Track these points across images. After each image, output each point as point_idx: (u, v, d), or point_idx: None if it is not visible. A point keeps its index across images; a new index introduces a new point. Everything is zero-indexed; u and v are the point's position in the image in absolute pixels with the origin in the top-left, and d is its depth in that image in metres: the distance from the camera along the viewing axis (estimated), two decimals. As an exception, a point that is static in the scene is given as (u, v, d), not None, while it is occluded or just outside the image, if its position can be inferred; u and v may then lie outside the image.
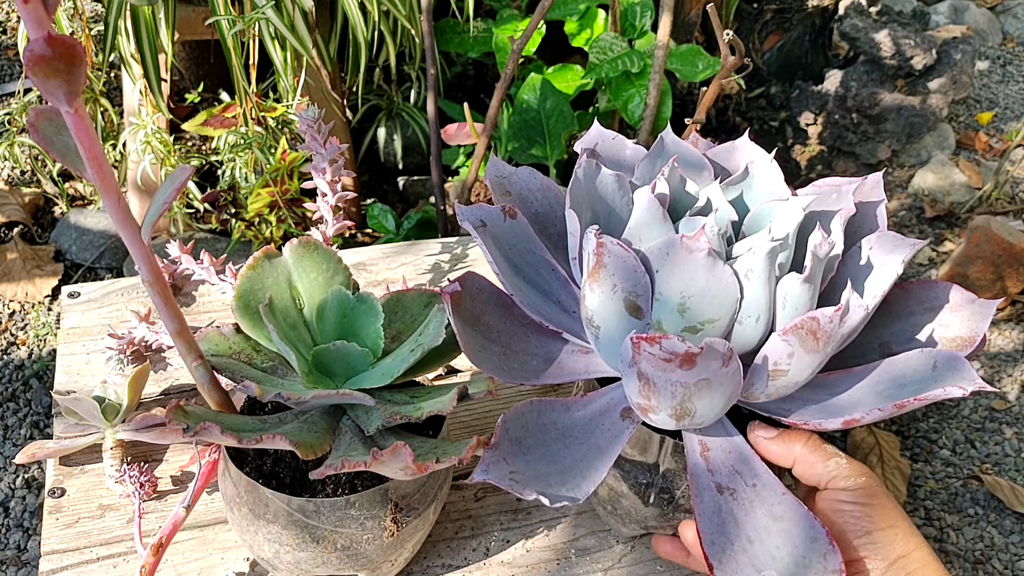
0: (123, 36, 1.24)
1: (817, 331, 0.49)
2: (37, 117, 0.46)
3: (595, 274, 0.52)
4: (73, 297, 0.87)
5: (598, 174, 0.58)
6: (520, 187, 0.63)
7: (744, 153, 0.63)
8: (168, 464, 0.73)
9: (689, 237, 0.50)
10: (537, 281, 0.60)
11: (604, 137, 0.64)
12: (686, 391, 0.50)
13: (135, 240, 0.50)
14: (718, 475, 0.55)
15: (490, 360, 0.55)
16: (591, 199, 0.58)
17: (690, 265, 0.50)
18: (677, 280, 0.51)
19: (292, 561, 0.59)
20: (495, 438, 0.53)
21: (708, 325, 0.52)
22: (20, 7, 0.39)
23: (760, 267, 0.51)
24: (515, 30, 1.58)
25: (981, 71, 2.19)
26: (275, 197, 1.18)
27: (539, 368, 0.58)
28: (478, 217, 0.58)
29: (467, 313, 0.56)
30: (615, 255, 0.51)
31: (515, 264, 0.59)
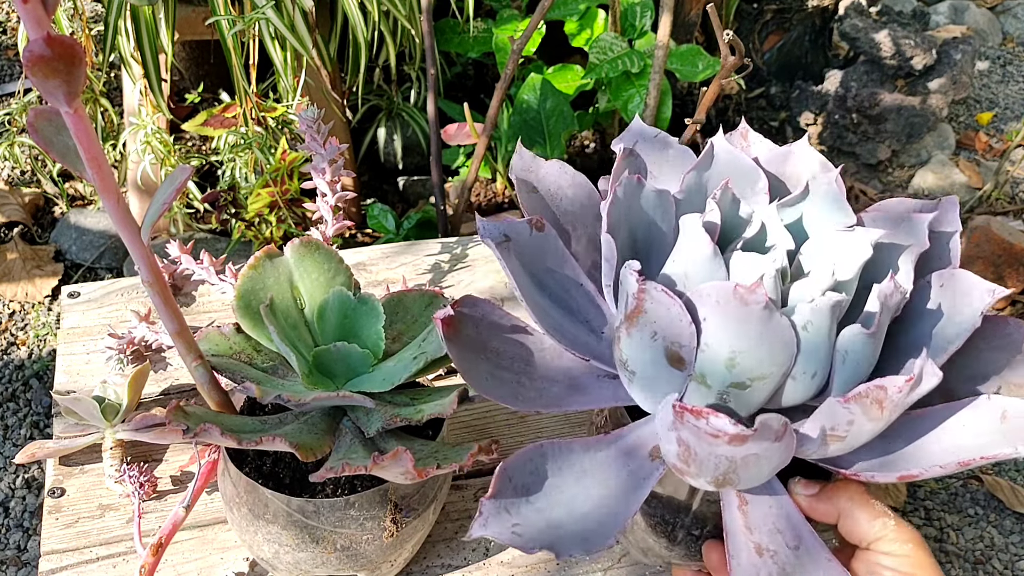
0: (123, 36, 1.24)
1: (883, 400, 0.43)
2: (36, 117, 0.46)
3: (634, 319, 0.46)
4: (73, 297, 0.87)
5: (640, 192, 0.51)
6: (548, 183, 0.57)
7: (800, 160, 0.55)
8: (168, 464, 0.73)
9: (745, 289, 0.43)
10: (563, 298, 0.54)
11: (645, 135, 0.56)
12: (731, 464, 0.45)
13: (135, 240, 0.50)
14: (757, 533, 0.49)
15: (501, 388, 0.50)
16: (630, 219, 0.52)
17: (743, 318, 0.44)
18: (727, 333, 0.45)
19: (292, 561, 0.59)
20: (494, 487, 0.47)
21: (758, 382, 0.46)
22: (19, 7, 0.39)
23: (820, 320, 0.45)
24: (515, 30, 1.58)
25: (981, 71, 2.18)
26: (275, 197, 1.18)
27: (561, 395, 0.52)
28: (501, 232, 0.52)
29: (469, 340, 0.51)
30: (658, 302, 0.45)
31: (540, 281, 0.53)
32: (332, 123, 0.79)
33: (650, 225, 0.53)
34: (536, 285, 0.53)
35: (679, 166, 0.56)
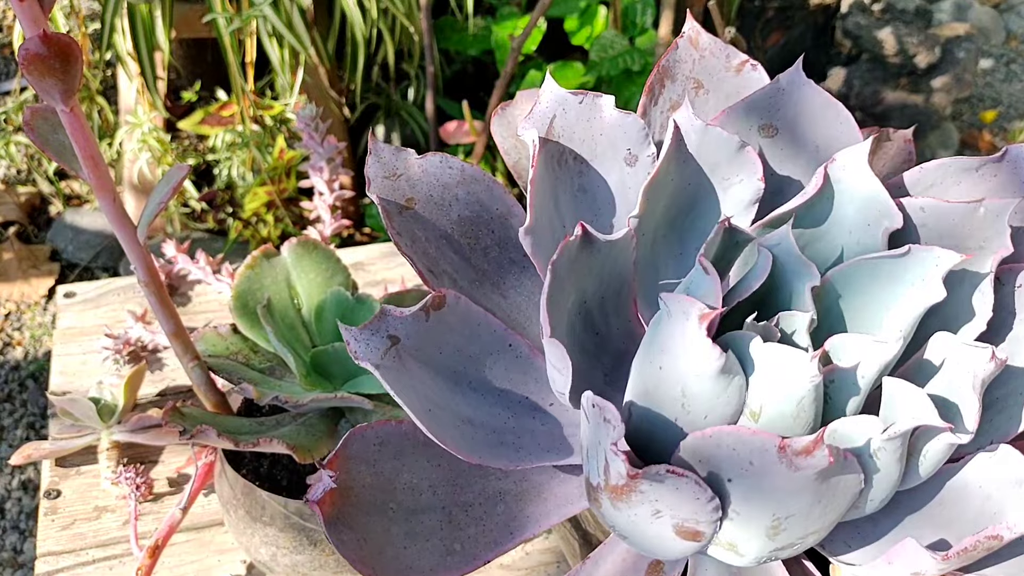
0: (120, 34, 1.24)
1: (994, 548, 0.31)
2: (33, 116, 0.46)
3: (624, 496, 0.32)
4: (69, 297, 0.86)
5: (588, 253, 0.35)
6: (428, 186, 0.40)
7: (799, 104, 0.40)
8: (164, 466, 0.72)
9: (799, 450, 0.29)
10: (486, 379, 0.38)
11: (566, 104, 0.39)
12: None
13: (131, 240, 0.49)
14: None
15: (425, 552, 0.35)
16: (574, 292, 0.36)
17: (794, 486, 0.30)
18: (770, 504, 0.32)
19: (289, 564, 0.58)
20: None
21: (811, 536, 0.34)
22: (15, 5, 0.39)
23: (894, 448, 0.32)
24: (515, 28, 1.58)
25: (985, 69, 2.18)
26: (272, 196, 1.17)
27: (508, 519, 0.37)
28: (382, 339, 0.35)
29: (367, 500, 0.35)
30: (666, 485, 0.31)
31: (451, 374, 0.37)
32: (330, 121, 0.79)
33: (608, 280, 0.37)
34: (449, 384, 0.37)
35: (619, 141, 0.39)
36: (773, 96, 0.39)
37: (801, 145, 0.39)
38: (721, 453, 0.30)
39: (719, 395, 0.32)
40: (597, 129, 0.39)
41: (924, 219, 0.35)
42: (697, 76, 0.40)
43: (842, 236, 0.36)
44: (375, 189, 0.39)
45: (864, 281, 0.35)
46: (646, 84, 0.42)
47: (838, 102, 0.40)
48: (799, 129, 0.40)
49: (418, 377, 0.36)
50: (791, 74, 0.40)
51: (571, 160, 0.39)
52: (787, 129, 0.39)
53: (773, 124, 0.39)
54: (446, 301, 0.37)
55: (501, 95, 1.24)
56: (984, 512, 0.33)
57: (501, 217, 0.41)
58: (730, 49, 0.41)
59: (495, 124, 0.43)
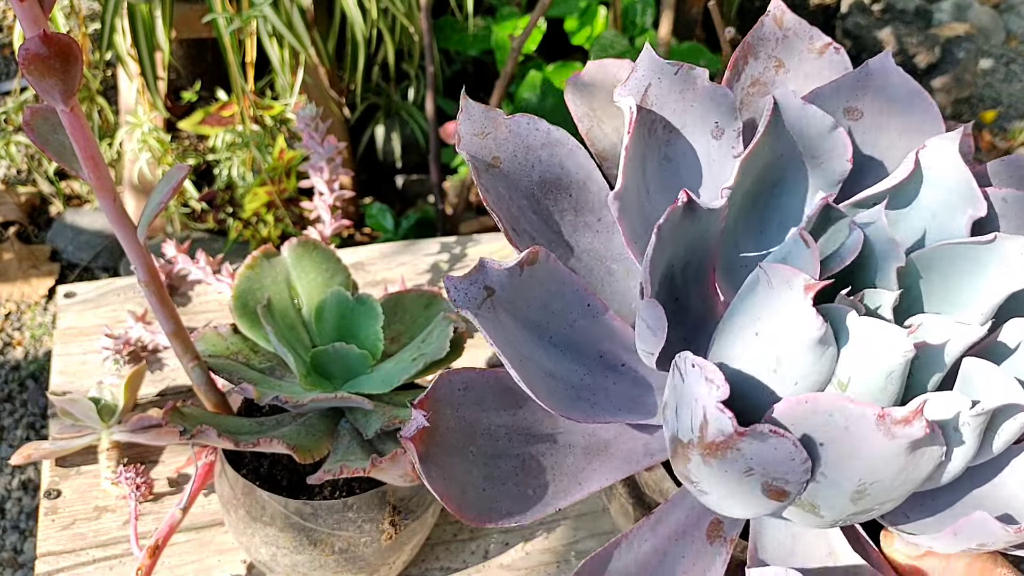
0: (120, 34, 1.24)
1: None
2: (33, 116, 0.46)
3: (719, 452, 0.33)
4: (69, 297, 0.86)
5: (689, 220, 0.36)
6: (514, 146, 0.41)
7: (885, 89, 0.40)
8: (164, 466, 0.72)
9: (895, 417, 0.30)
10: (567, 336, 0.40)
11: (663, 73, 0.39)
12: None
13: (131, 240, 0.49)
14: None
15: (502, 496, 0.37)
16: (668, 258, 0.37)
17: (884, 451, 0.32)
18: (857, 467, 0.33)
19: (289, 564, 0.58)
20: None
21: (888, 503, 0.35)
22: (16, 5, 0.39)
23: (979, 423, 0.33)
24: (515, 28, 1.58)
25: (984, 69, 2.18)
26: (272, 196, 1.17)
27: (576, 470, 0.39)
28: (480, 289, 0.36)
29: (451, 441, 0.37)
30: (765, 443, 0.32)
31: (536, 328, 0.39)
32: (330, 121, 0.79)
33: (692, 246, 0.38)
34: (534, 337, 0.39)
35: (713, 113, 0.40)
36: (861, 79, 0.40)
37: (884, 130, 0.40)
38: (817, 419, 0.31)
39: (813, 364, 0.33)
40: (689, 100, 0.40)
41: (1006, 209, 0.36)
42: (779, 55, 0.40)
43: (926, 220, 0.37)
44: (464, 146, 0.40)
45: (947, 264, 0.35)
46: (730, 60, 0.42)
47: (924, 91, 0.41)
48: (884, 114, 0.40)
49: (509, 328, 0.37)
50: (881, 59, 0.41)
51: (661, 129, 0.40)
52: (872, 113, 0.40)
53: (859, 107, 0.40)
54: (539, 257, 0.38)
55: (501, 95, 1.24)
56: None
57: (580, 182, 0.42)
58: (814, 31, 0.42)
59: (569, 91, 0.44)
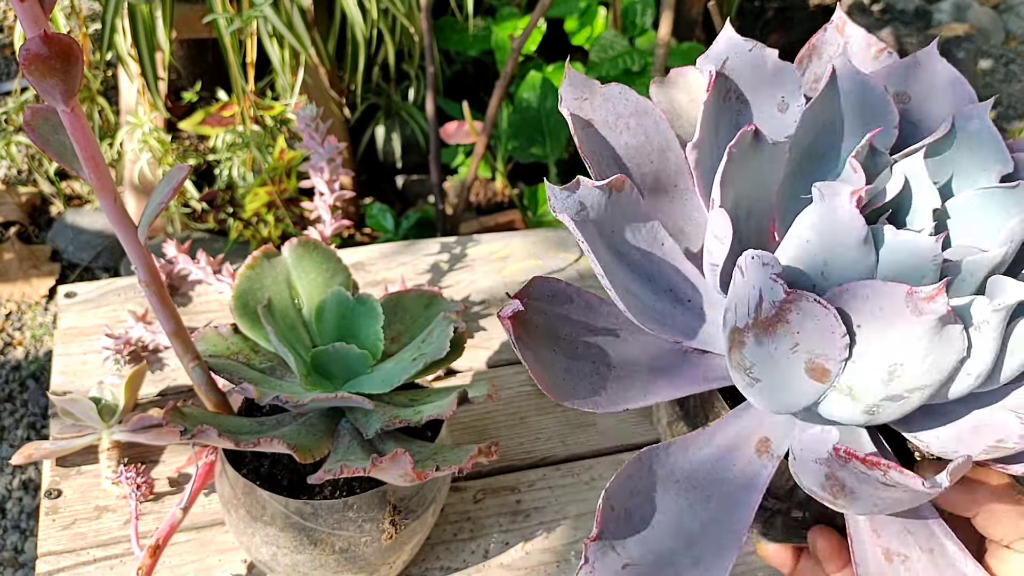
0: (120, 35, 1.24)
1: None
2: (33, 116, 0.46)
3: (771, 328, 0.39)
4: (70, 297, 0.86)
5: (757, 149, 0.42)
6: (605, 112, 0.48)
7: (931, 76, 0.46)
8: (165, 465, 0.72)
9: (922, 295, 0.35)
10: (644, 266, 0.46)
11: (738, 49, 0.46)
12: (895, 503, 0.40)
13: (131, 240, 0.49)
14: (885, 536, 0.43)
15: (580, 387, 0.43)
16: (737, 183, 0.43)
17: (912, 329, 0.37)
18: (888, 344, 0.38)
19: (290, 564, 0.59)
20: (599, 525, 0.41)
21: (916, 392, 0.40)
22: (16, 6, 0.39)
23: (998, 321, 0.38)
24: (515, 28, 1.58)
25: (984, 70, 2.18)
26: (273, 196, 1.17)
27: (645, 384, 0.45)
28: (576, 201, 0.43)
29: (540, 334, 0.43)
30: (809, 315, 0.37)
31: (619, 252, 0.45)
32: (330, 121, 0.79)
33: (756, 182, 0.43)
34: (616, 258, 0.45)
35: (779, 87, 0.47)
36: (910, 67, 0.46)
37: (928, 112, 0.46)
38: (855, 302, 0.37)
39: (856, 263, 0.39)
40: (760, 75, 0.46)
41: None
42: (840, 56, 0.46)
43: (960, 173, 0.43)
44: (567, 106, 0.47)
45: (977, 208, 0.41)
46: (797, 57, 0.47)
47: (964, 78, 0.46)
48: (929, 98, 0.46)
49: (596, 243, 0.43)
50: (927, 51, 0.46)
51: (734, 98, 0.45)
52: (919, 98, 0.46)
53: (908, 92, 0.46)
54: (624, 186, 0.45)
55: (501, 95, 1.24)
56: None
57: (660, 149, 0.48)
58: (871, 37, 0.48)
59: (655, 90, 0.50)
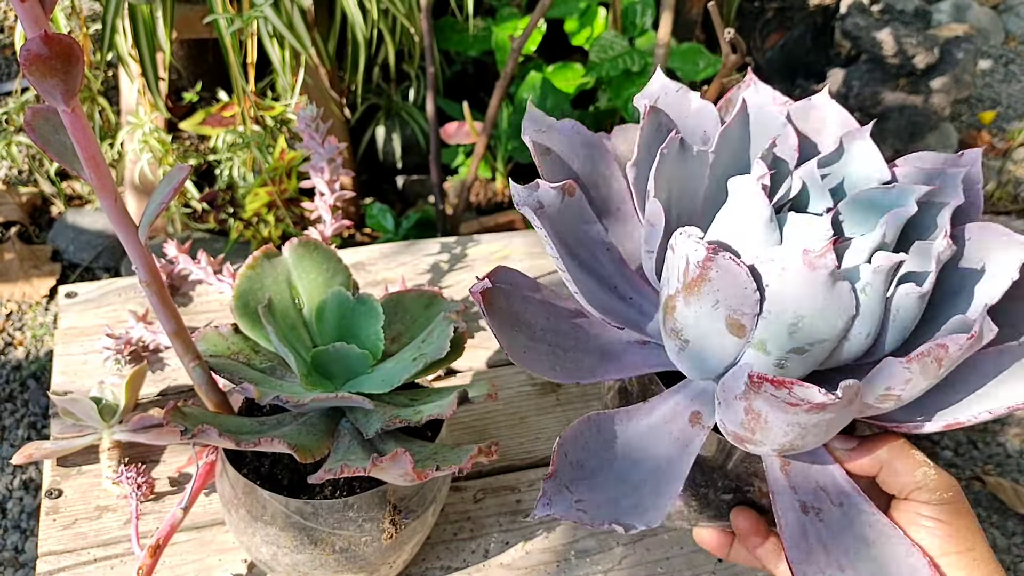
0: (121, 35, 1.24)
1: (943, 359, 0.44)
2: (34, 116, 0.46)
3: (695, 288, 0.46)
4: (70, 297, 0.86)
5: (684, 153, 0.50)
6: (561, 143, 0.56)
7: (824, 114, 0.56)
8: (165, 465, 0.72)
9: (814, 254, 0.44)
10: (592, 265, 0.54)
11: (668, 90, 0.56)
12: (802, 431, 0.46)
13: (132, 240, 0.49)
14: (802, 493, 0.50)
15: (539, 361, 0.50)
16: (670, 182, 0.51)
17: (809, 283, 0.45)
18: (791, 299, 0.45)
19: (290, 563, 0.59)
20: (553, 465, 0.48)
21: (817, 345, 0.47)
22: (17, 6, 0.39)
23: (879, 282, 0.46)
24: (515, 28, 1.58)
25: (983, 70, 2.18)
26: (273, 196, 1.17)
27: (594, 365, 0.52)
28: (536, 199, 0.51)
29: (504, 313, 0.50)
30: (726, 271, 0.45)
31: (571, 249, 0.53)
32: (330, 122, 0.79)
33: (685, 187, 0.52)
34: (568, 253, 0.52)
35: (701, 122, 0.56)
36: (807, 107, 0.56)
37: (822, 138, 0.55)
38: (763, 264, 0.45)
39: (766, 239, 0.47)
40: (686, 112, 0.56)
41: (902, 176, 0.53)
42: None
43: (849, 181, 0.52)
44: (528, 136, 0.54)
45: (862, 204, 0.50)
46: (718, 103, 0.56)
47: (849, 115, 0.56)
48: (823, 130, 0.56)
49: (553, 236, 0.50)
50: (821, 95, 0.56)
51: (665, 129, 0.53)
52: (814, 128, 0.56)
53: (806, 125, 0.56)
54: (575, 192, 0.53)
55: (501, 96, 1.24)
56: None
57: (606, 177, 0.57)
58: (776, 93, 0.56)
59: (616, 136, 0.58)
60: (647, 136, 0.52)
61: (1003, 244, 0.49)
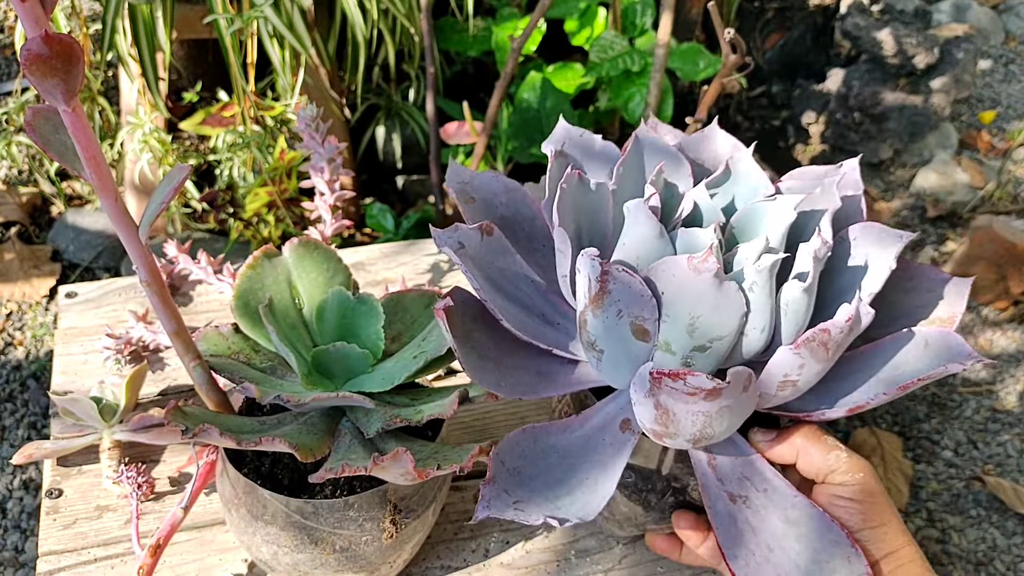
0: (121, 35, 1.24)
1: (828, 342, 0.49)
2: (34, 116, 0.46)
3: (599, 300, 0.51)
4: (71, 297, 0.86)
5: (583, 187, 0.57)
6: (484, 192, 0.62)
7: (717, 143, 0.62)
8: (165, 465, 0.72)
9: (697, 259, 0.48)
10: (517, 296, 0.59)
11: (571, 135, 0.62)
12: (707, 419, 0.50)
13: (133, 240, 0.49)
14: (728, 484, 0.54)
15: (487, 376, 0.54)
16: (575, 212, 0.57)
17: (698, 287, 0.49)
18: (685, 302, 0.50)
19: (290, 563, 0.59)
20: (491, 472, 0.51)
21: (716, 342, 0.51)
22: (17, 6, 0.39)
23: (764, 280, 0.51)
24: (515, 28, 1.58)
25: (983, 70, 2.18)
26: (273, 196, 1.17)
27: (533, 382, 0.56)
28: (456, 240, 0.56)
29: (459, 329, 0.54)
30: (621, 282, 0.50)
31: (495, 282, 0.57)
32: (331, 122, 0.79)
33: (592, 217, 0.58)
34: (493, 286, 0.56)
35: (606, 161, 0.61)
36: (699, 139, 0.63)
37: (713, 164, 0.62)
38: (657, 273, 0.50)
39: (660, 252, 0.53)
40: (590, 153, 0.62)
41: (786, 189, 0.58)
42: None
43: (738, 197, 0.58)
44: (452, 188, 0.60)
45: (750, 216, 0.56)
46: (622, 148, 0.60)
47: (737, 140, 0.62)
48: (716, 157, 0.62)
49: (477, 275, 0.55)
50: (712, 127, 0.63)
51: (570, 168, 0.57)
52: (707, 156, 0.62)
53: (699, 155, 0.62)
54: (494, 232, 0.58)
55: (501, 96, 1.24)
56: None
57: (529, 219, 0.63)
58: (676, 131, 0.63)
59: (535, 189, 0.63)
60: (555, 176, 0.57)
61: (881, 240, 0.55)
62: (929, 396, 1.51)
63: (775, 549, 0.52)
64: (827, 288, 0.55)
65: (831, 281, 0.56)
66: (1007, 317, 1.61)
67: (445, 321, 0.52)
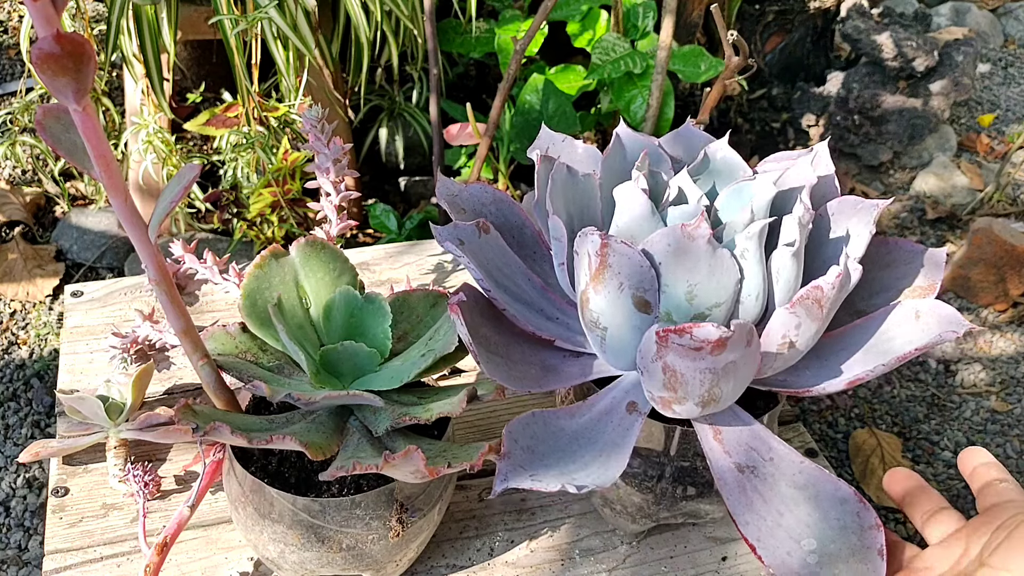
0: (125, 35, 1.24)
1: (821, 299, 0.51)
2: (45, 115, 0.46)
3: (600, 275, 0.53)
4: (76, 296, 0.87)
5: (572, 179, 0.59)
6: (473, 203, 0.64)
7: (690, 139, 0.65)
8: (172, 463, 0.73)
9: (690, 226, 0.51)
10: (517, 293, 0.61)
11: (554, 140, 0.65)
12: (714, 377, 0.51)
13: (142, 239, 0.50)
14: (735, 456, 0.56)
15: (497, 371, 0.55)
16: (566, 203, 0.59)
17: (693, 254, 0.52)
18: (682, 270, 0.52)
19: (297, 561, 0.59)
20: (505, 448, 0.52)
21: (714, 309, 0.54)
22: (29, 6, 0.39)
23: (754, 247, 0.53)
24: (517, 31, 1.58)
25: (983, 73, 2.19)
26: (277, 197, 1.18)
27: (539, 376, 0.58)
28: (456, 236, 0.58)
29: (470, 326, 0.56)
30: (621, 254, 0.52)
31: (494, 278, 0.59)
32: (336, 123, 0.79)
33: (583, 205, 0.60)
34: (494, 282, 0.58)
35: (589, 160, 0.65)
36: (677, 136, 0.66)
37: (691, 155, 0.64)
38: (653, 246, 0.52)
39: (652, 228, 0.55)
40: (574, 156, 0.66)
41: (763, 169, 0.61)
42: None
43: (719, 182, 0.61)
44: (442, 201, 0.62)
45: (731, 197, 0.58)
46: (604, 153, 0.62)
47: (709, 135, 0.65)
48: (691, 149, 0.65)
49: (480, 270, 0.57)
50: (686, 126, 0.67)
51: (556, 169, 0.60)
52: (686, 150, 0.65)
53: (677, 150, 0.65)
54: (491, 230, 0.61)
55: (504, 98, 1.25)
56: None
57: (518, 227, 0.66)
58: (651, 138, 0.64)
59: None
60: (542, 177, 0.59)
61: (858, 211, 0.57)
62: (929, 397, 1.51)
63: (785, 514, 0.54)
64: (813, 260, 0.57)
65: (816, 254, 0.58)
66: (1007, 319, 1.62)
67: (460, 315, 0.53)
